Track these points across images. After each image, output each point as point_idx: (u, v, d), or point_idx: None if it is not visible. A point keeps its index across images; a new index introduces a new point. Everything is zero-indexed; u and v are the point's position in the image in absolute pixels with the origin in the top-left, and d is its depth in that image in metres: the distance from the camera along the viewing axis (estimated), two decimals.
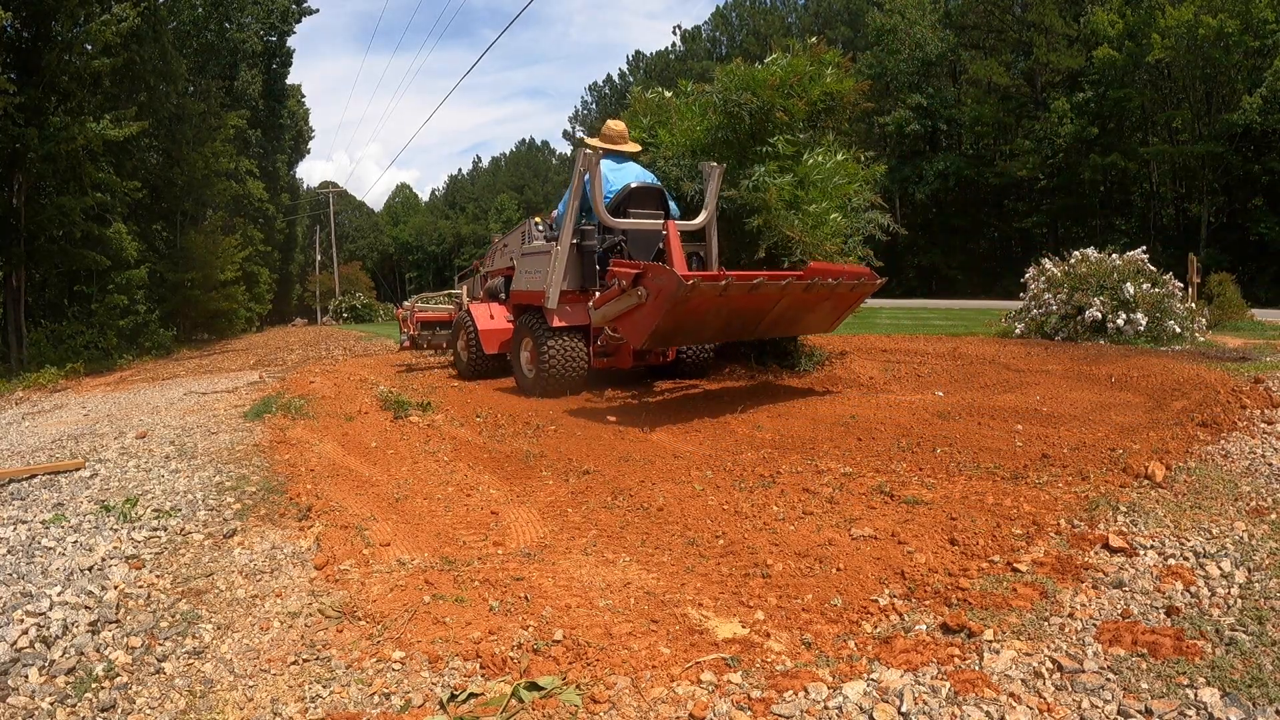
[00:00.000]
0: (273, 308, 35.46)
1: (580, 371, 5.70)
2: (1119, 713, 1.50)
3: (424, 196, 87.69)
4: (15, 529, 2.99)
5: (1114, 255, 8.09)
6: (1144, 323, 7.27)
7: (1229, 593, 1.96)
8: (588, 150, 5.65)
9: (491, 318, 6.99)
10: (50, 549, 2.74)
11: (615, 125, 6.29)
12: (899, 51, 35.08)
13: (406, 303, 10.27)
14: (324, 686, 1.78)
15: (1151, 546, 2.29)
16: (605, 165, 5.78)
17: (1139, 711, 1.49)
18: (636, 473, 3.50)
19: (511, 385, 6.39)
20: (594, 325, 5.34)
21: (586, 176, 5.57)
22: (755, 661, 1.81)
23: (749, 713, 1.58)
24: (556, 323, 5.65)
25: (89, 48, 13.36)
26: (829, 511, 2.83)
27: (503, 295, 7.06)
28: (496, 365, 6.98)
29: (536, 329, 5.72)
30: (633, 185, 5.82)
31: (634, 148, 6.29)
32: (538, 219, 6.72)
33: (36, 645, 2.00)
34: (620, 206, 5.73)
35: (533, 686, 1.70)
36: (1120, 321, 7.29)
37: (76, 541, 2.81)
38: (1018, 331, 8.31)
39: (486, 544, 2.73)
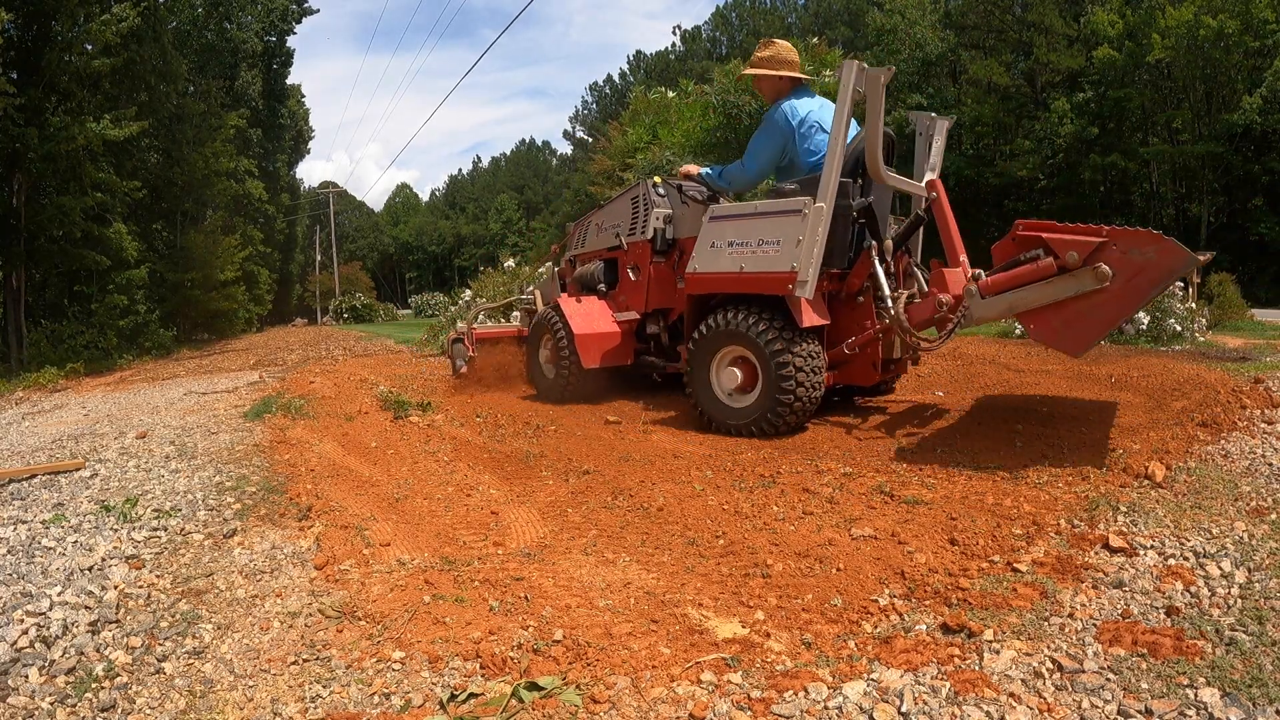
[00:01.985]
0: (273, 308, 35.49)
1: (818, 396, 4.03)
2: (1119, 713, 1.50)
3: (424, 196, 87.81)
4: (15, 529, 2.99)
5: None
6: (1144, 322, 7.27)
7: (1229, 593, 1.96)
8: (863, 66, 3.74)
9: (593, 317, 5.24)
10: (50, 549, 2.74)
11: (789, 47, 4.53)
12: (899, 51, 35.09)
13: (461, 322, 8.63)
14: (324, 686, 1.78)
15: (1151, 546, 2.29)
16: (812, 102, 4.33)
17: (1139, 711, 1.49)
18: (636, 473, 3.50)
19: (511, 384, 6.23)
20: (977, 317, 3.50)
21: (850, 102, 3.75)
22: (755, 661, 1.81)
23: (749, 713, 1.58)
24: (809, 320, 3.91)
25: (89, 48, 13.37)
26: (829, 511, 2.83)
27: (601, 286, 5.50)
28: (597, 385, 5.31)
29: (765, 332, 3.94)
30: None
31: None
32: (657, 179, 5.34)
33: (36, 645, 2.00)
34: (860, 161, 4.06)
35: (533, 686, 1.70)
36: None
37: (76, 541, 2.81)
38: (1018, 331, 8.31)
39: (486, 544, 2.73)
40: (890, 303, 3.91)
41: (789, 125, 4.21)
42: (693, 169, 4.89)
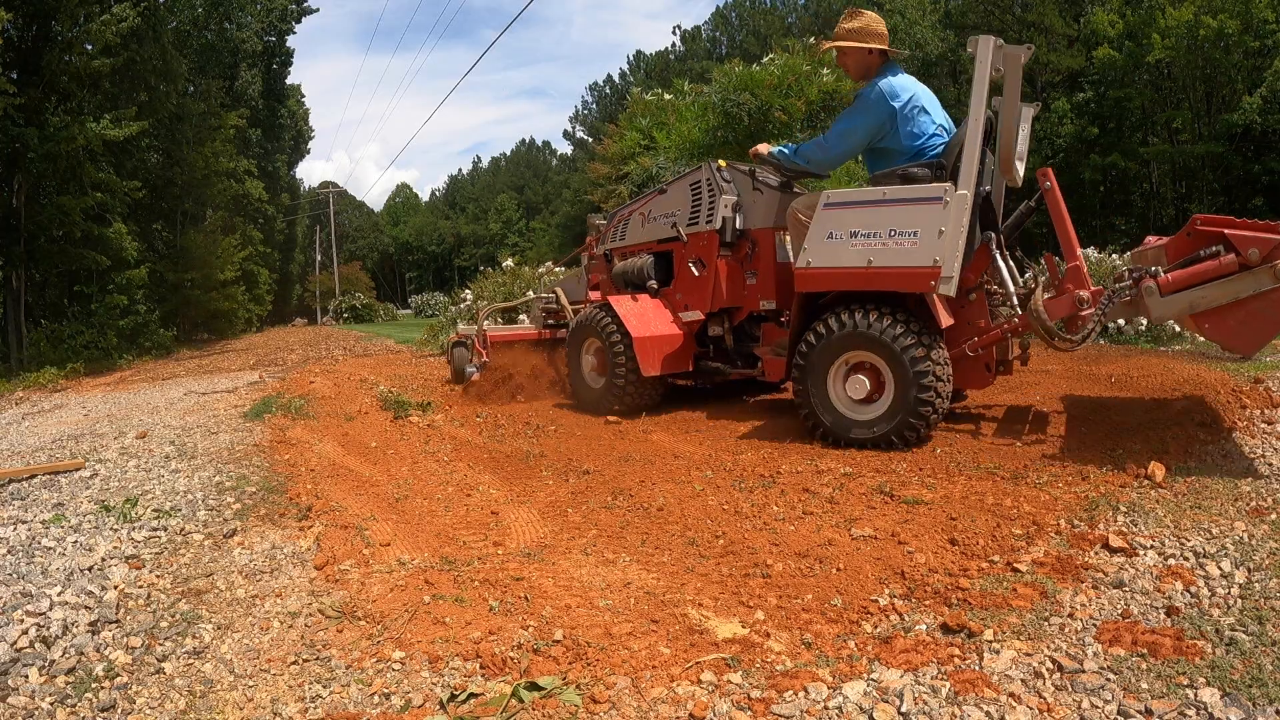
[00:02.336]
0: (273, 308, 35.48)
1: (946, 404, 3.72)
2: (1119, 713, 1.50)
3: (424, 196, 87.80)
4: (15, 529, 2.99)
5: (1114, 255, 8.09)
6: (1144, 322, 7.27)
7: (1229, 593, 1.96)
8: (1000, 42, 3.47)
9: (650, 317, 4.69)
10: (50, 549, 2.74)
11: (878, 18, 4.06)
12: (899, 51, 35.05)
13: (462, 323, 8.14)
14: (324, 686, 1.78)
15: (1151, 546, 2.29)
16: (909, 80, 3.92)
17: (1139, 711, 1.49)
18: (636, 473, 3.50)
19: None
20: (1157, 316, 3.25)
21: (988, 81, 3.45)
22: (755, 661, 1.81)
23: (749, 713, 1.58)
24: (947, 320, 3.66)
25: (89, 48, 13.37)
26: (829, 511, 2.83)
27: (652, 283, 4.90)
28: (653, 395, 4.82)
29: (901, 335, 3.54)
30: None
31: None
32: (722, 162, 4.76)
33: (36, 645, 2.00)
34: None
35: (533, 686, 1.70)
36: (1120, 321, 7.29)
37: (76, 541, 2.81)
38: None
39: (486, 544, 2.73)
40: (1014, 298, 3.70)
41: (889, 106, 3.80)
42: (762, 148, 4.39)
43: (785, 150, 4.30)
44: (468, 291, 10.96)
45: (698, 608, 2.10)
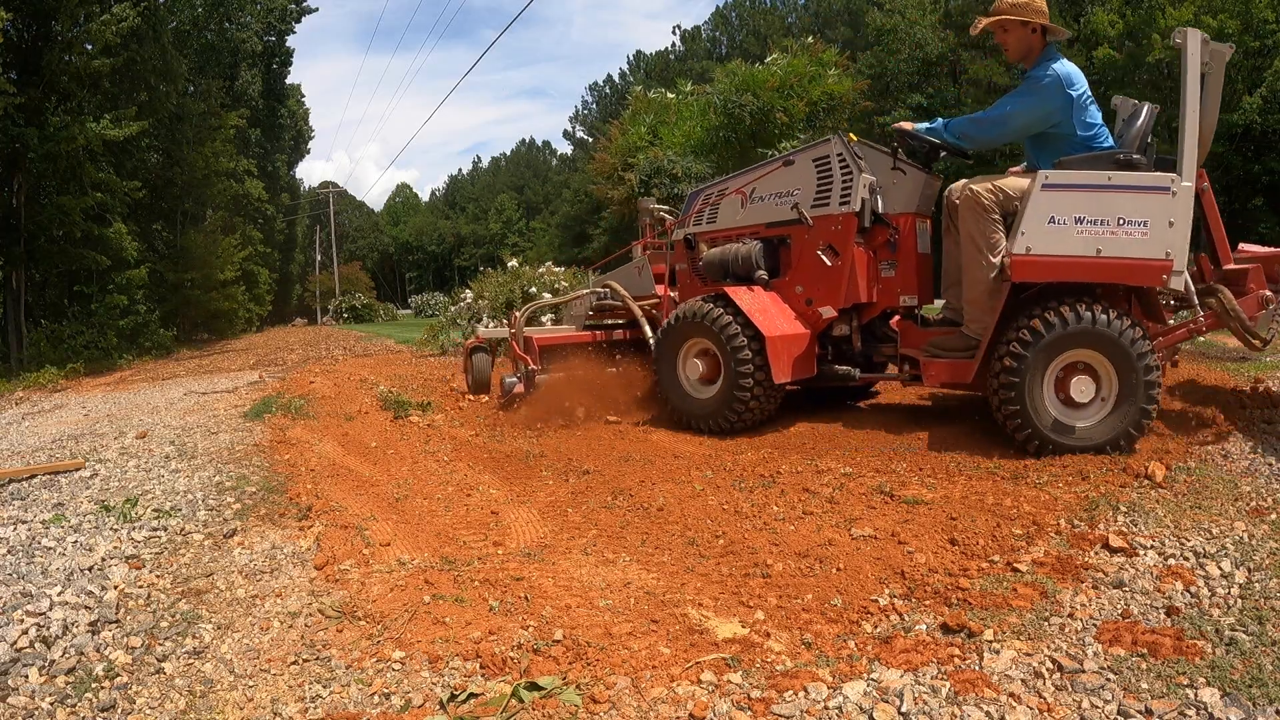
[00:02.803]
0: (272, 308, 35.50)
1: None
2: (1119, 713, 1.50)
3: (424, 196, 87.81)
4: (15, 529, 2.99)
5: None
6: None
7: (1229, 593, 1.96)
8: (1206, 37, 3.37)
9: (774, 314, 4.12)
10: (50, 549, 2.74)
11: None
12: (899, 51, 35.08)
13: (483, 325, 7.07)
14: (324, 686, 1.78)
15: (1151, 546, 2.29)
16: (1075, 67, 3.70)
17: (1139, 711, 1.49)
18: (636, 473, 3.50)
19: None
20: None
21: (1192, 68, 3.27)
22: (755, 661, 1.81)
23: (749, 713, 1.58)
24: (1164, 314, 3.57)
25: (89, 48, 13.38)
26: (829, 511, 2.83)
27: (762, 274, 4.28)
28: (774, 405, 4.24)
29: (1128, 331, 3.28)
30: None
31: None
32: (853, 136, 4.24)
33: (36, 645, 2.00)
34: (1150, 142, 3.66)
35: (533, 686, 1.70)
36: None
37: (76, 541, 2.81)
38: None
39: (486, 544, 2.73)
40: (1196, 297, 3.55)
41: (1066, 94, 3.59)
42: (907, 125, 4.04)
43: (936, 126, 3.99)
44: (468, 291, 10.95)
45: (698, 608, 2.10)
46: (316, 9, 31.55)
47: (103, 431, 5.47)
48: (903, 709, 1.55)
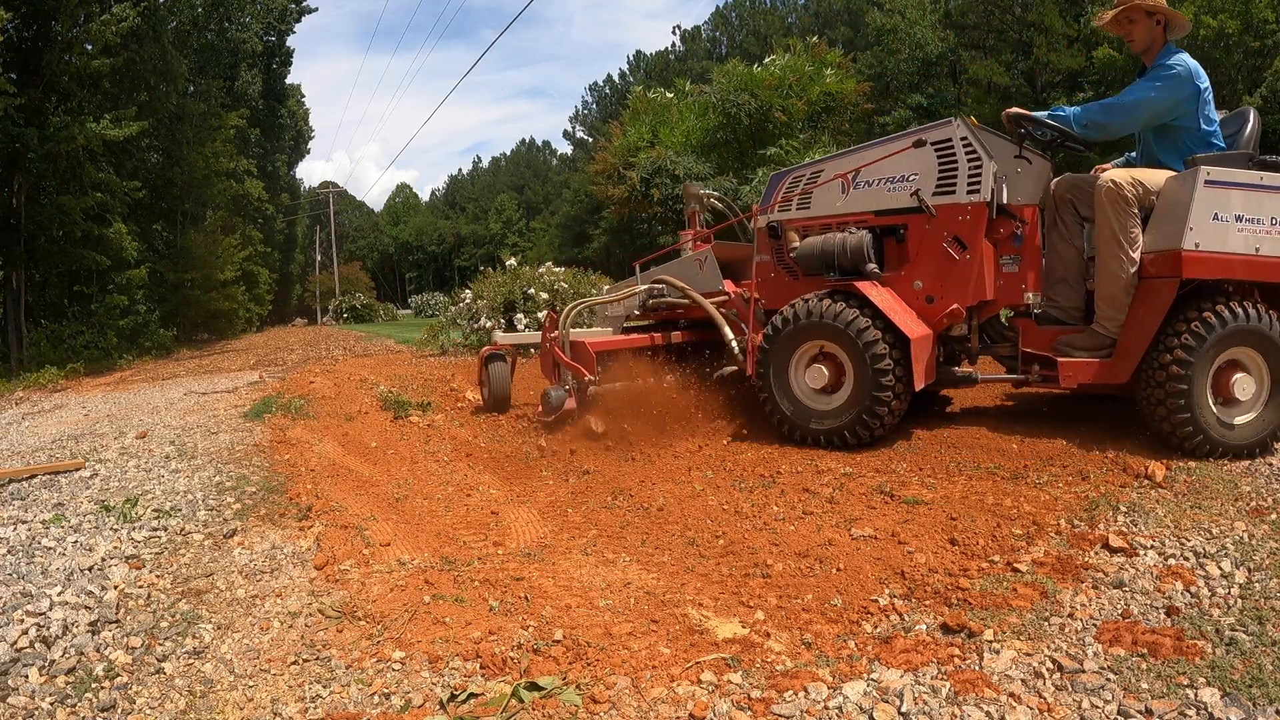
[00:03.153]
0: (273, 308, 35.49)
1: None
2: (1119, 713, 1.50)
3: (424, 196, 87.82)
4: (15, 529, 2.99)
5: None
6: None
7: (1229, 593, 1.96)
8: None
9: (902, 311, 3.80)
10: (50, 549, 2.74)
11: None
12: (899, 51, 35.09)
13: (499, 331, 6.18)
14: (324, 686, 1.78)
15: (1151, 546, 2.29)
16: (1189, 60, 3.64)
17: (1139, 711, 1.49)
18: (636, 473, 3.50)
19: (515, 383, 5.61)
20: None
21: None
22: (755, 661, 1.81)
23: (749, 713, 1.58)
24: None
25: (89, 48, 13.38)
26: (829, 511, 2.83)
27: (873, 266, 3.90)
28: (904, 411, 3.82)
29: (1277, 328, 3.34)
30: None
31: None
32: (973, 119, 3.97)
33: (36, 645, 2.00)
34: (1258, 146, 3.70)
35: (533, 686, 1.70)
36: None
37: (76, 541, 2.81)
38: None
39: (486, 544, 2.73)
40: None
41: (1195, 85, 3.57)
42: (1024, 112, 3.87)
43: (1062, 113, 3.82)
44: (467, 291, 10.95)
45: (698, 608, 2.10)
46: (316, 9, 31.58)
47: (103, 431, 5.47)
48: (903, 709, 1.55)
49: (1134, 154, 4.22)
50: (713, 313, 4.41)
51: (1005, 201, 3.85)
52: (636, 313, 4.92)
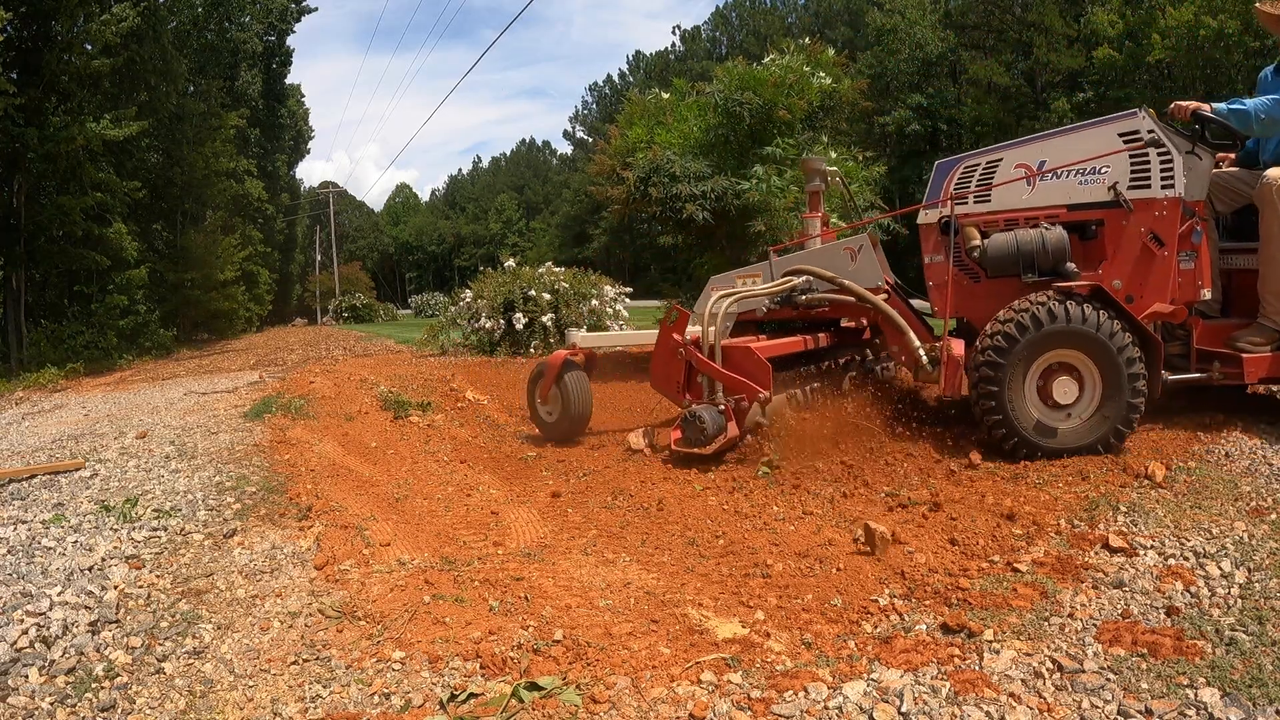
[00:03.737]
0: (273, 308, 35.45)
1: None
2: (1119, 713, 1.50)
3: (424, 196, 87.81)
4: (15, 529, 2.99)
5: None
6: None
7: (1229, 593, 1.96)
8: None
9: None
10: (50, 549, 2.74)
11: None
12: (899, 51, 35.09)
13: (582, 332, 4.66)
14: (324, 686, 1.78)
15: (1151, 546, 2.29)
16: None
17: (1139, 711, 1.49)
18: (636, 473, 3.50)
19: (515, 383, 6.18)
20: None
21: None
22: (755, 661, 1.81)
23: (749, 713, 1.58)
24: None
25: (89, 48, 13.37)
26: (829, 511, 2.83)
27: (1071, 265, 3.66)
28: None
29: None
30: None
31: None
32: (1151, 110, 3.73)
33: (36, 645, 2.00)
34: None
35: (533, 686, 1.70)
36: None
37: (76, 541, 2.81)
38: None
39: (486, 544, 2.73)
40: None
41: None
42: (1189, 104, 3.72)
43: (1226, 109, 3.66)
44: (468, 291, 10.94)
45: (698, 608, 2.10)
46: (316, 9, 31.57)
47: (103, 431, 5.47)
48: (903, 709, 1.55)
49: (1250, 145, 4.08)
50: (892, 315, 3.92)
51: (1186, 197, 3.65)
52: (764, 309, 4.22)
